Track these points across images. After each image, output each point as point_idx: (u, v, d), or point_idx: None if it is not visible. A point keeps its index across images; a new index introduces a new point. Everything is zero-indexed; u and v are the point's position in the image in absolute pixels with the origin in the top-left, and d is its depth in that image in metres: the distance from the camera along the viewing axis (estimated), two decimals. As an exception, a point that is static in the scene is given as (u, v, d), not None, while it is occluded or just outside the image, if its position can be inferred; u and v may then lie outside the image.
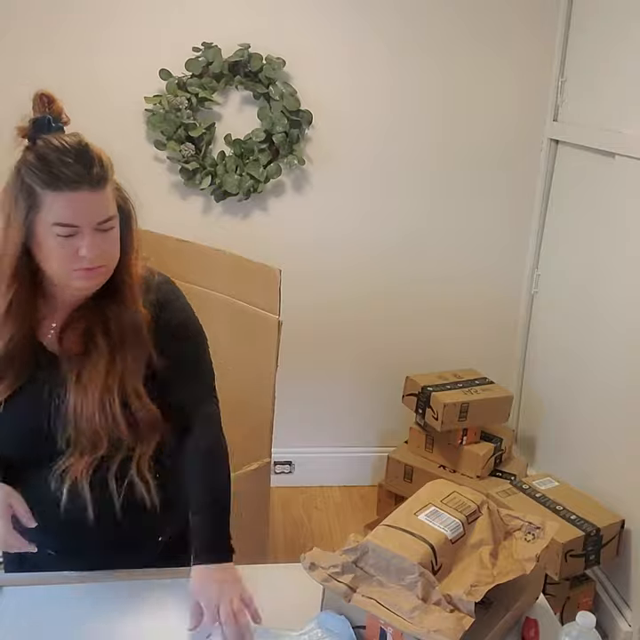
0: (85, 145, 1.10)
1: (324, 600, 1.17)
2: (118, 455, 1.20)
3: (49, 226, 1.07)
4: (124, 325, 1.19)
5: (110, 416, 1.17)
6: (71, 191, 1.06)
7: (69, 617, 1.14)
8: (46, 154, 1.07)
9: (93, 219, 1.09)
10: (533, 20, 2.72)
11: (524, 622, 1.19)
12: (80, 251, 1.09)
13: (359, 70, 2.72)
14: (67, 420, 1.17)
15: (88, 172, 1.07)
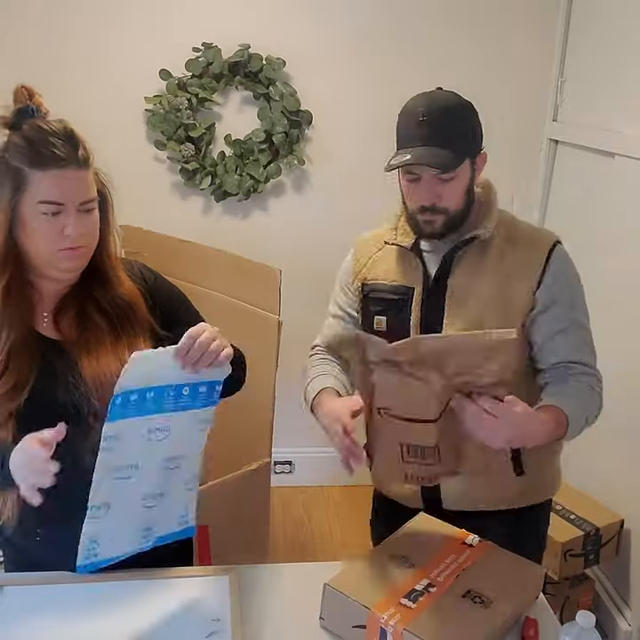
0: (71, 129, 1.15)
1: (324, 600, 1.18)
2: None
3: (35, 204, 1.11)
4: (116, 302, 1.25)
5: None
6: (58, 169, 1.10)
7: (69, 617, 1.14)
8: (34, 135, 1.11)
9: (78, 197, 1.13)
10: (533, 20, 2.72)
11: (523, 622, 1.19)
12: (65, 229, 1.12)
13: (359, 70, 2.72)
14: (89, 397, 1.19)
15: (74, 152, 1.12)
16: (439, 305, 1.39)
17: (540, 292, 1.36)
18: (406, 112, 1.37)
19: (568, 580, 2.22)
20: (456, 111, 1.34)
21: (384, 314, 1.44)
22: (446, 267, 1.40)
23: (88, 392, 1.19)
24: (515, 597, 1.18)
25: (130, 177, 2.82)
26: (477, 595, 1.17)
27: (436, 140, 1.30)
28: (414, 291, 1.41)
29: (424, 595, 1.15)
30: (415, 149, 1.30)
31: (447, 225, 1.36)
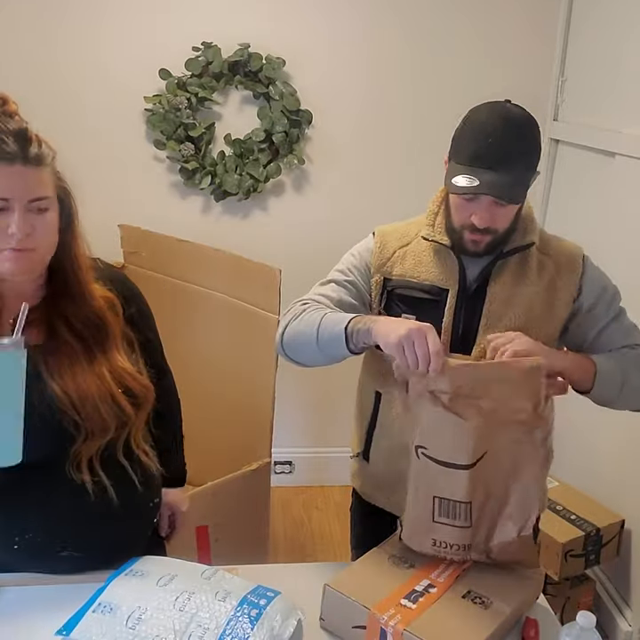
0: (25, 129, 1.12)
1: (324, 600, 1.17)
2: (123, 434, 1.25)
3: None
4: (88, 319, 1.22)
5: (113, 401, 1.21)
6: (4, 164, 1.07)
7: (68, 617, 1.14)
8: None
9: (25, 194, 1.09)
10: (534, 20, 2.72)
11: (524, 622, 1.19)
12: (9, 228, 1.08)
13: (359, 70, 2.72)
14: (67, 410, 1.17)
15: (23, 149, 1.09)
16: (475, 311, 1.37)
17: (582, 297, 1.39)
18: (476, 125, 1.31)
19: (568, 580, 2.22)
20: (528, 134, 1.29)
21: (413, 313, 1.38)
22: (487, 274, 1.38)
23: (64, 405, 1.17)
24: (515, 598, 1.18)
25: (129, 176, 2.83)
26: (477, 595, 1.16)
27: (506, 165, 1.25)
28: (448, 293, 1.37)
29: (424, 595, 1.15)
30: (483, 174, 1.25)
31: (492, 244, 1.35)
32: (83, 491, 1.21)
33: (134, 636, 1.07)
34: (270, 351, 2.14)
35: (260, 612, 1.11)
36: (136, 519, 1.32)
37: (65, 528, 1.23)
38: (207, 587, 1.16)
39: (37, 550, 1.23)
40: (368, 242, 1.50)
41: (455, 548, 1.21)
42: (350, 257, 1.50)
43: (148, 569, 1.21)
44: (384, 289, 1.43)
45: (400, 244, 1.45)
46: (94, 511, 1.23)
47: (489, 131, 1.27)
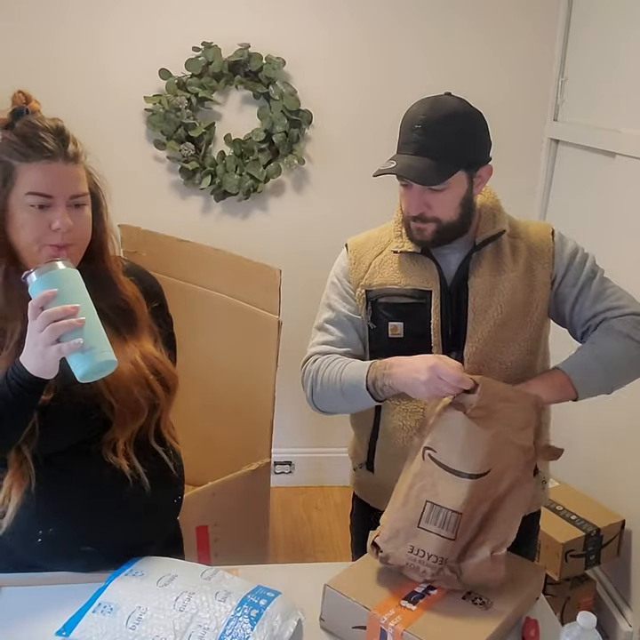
0: (62, 126, 1.16)
1: (325, 600, 1.17)
2: (154, 419, 1.27)
3: (22, 197, 1.12)
4: (118, 307, 1.25)
5: (146, 385, 1.24)
6: (46, 161, 1.11)
7: (68, 617, 1.14)
8: (25, 131, 1.13)
9: (67, 191, 1.13)
10: (534, 20, 2.72)
11: (524, 622, 1.19)
12: (53, 224, 1.12)
13: (359, 70, 2.72)
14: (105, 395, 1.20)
15: (63, 147, 1.13)
16: (461, 308, 1.37)
17: (556, 270, 1.40)
18: (407, 116, 1.35)
19: (569, 580, 2.21)
20: (457, 120, 1.30)
21: (400, 319, 1.39)
22: (465, 269, 1.38)
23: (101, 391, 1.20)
24: (515, 598, 1.17)
25: (129, 176, 2.83)
26: (478, 596, 1.16)
27: (428, 150, 1.28)
28: (431, 294, 1.38)
29: (424, 596, 1.15)
30: (404, 157, 1.29)
31: (440, 234, 1.35)
32: (119, 476, 1.22)
33: (134, 636, 1.07)
34: (270, 351, 2.14)
35: (260, 612, 1.11)
36: (166, 507, 1.34)
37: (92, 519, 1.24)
38: (207, 587, 1.16)
39: (59, 545, 1.24)
40: (342, 260, 1.50)
41: (433, 559, 1.17)
42: (332, 287, 1.50)
43: (148, 569, 1.21)
44: (368, 301, 1.42)
45: (374, 253, 1.46)
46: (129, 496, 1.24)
47: (418, 118, 1.30)
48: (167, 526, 1.39)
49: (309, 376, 1.44)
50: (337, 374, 1.37)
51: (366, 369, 1.33)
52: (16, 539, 1.25)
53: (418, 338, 1.36)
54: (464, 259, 1.38)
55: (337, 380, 1.36)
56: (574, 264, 1.40)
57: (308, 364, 1.45)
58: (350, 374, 1.35)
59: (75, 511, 1.23)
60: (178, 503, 1.38)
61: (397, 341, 1.36)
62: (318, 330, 1.49)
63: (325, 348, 1.44)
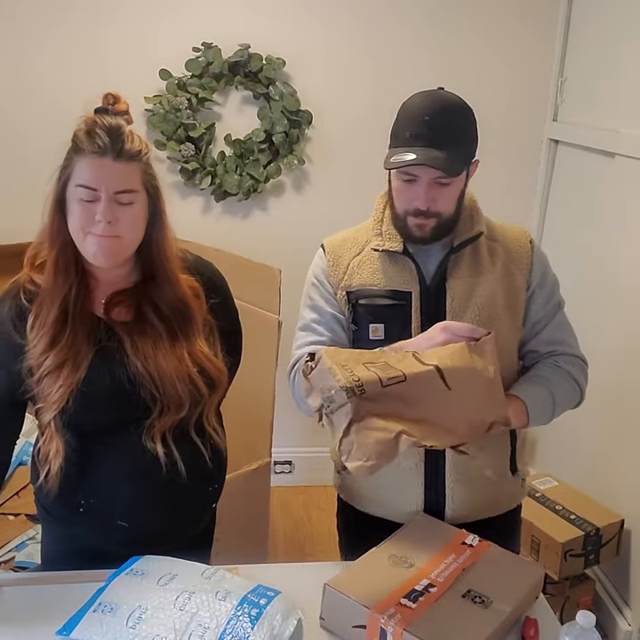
0: (120, 126, 1.21)
1: (324, 600, 1.18)
2: (197, 411, 1.31)
3: (74, 188, 1.18)
4: (174, 305, 1.30)
5: (190, 382, 1.28)
6: (95, 156, 1.17)
7: (69, 617, 1.14)
8: (89, 128, 1.20)
9: (111, 186, 1.18)
10: (533, 20, 2.72)
11: (523, 622, 1.19)
12: (96, 215, 1.18)
13: (359, 70, 2.72)
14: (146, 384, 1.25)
15: (114, 144, 1.18)
16: (439, 308, 1.36)
17: (532, 279, 1.41)
18: (408, 110, 1.34)
19: (568, 579, 2.22)
20: (459, 114, 1.31)
21: (380, 321, 1.37)
22: (443, 270, 1.37)
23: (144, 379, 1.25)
24: (515, 597, 1.18)
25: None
26: (477, 595, 1.17)
27: (440, 142, 1.26)
28: (412, 295, 1.37)
29: (424, 595, 1.15)
30: (419, 150, 1.26)
31: (437, 230, 1.34)
32: (153, 461, 1.26)
33: (135, 635, 1.07)
34: (270, 351, 2.15)
35: (261, 611, 1.11)
36: (200, 496, 1.37)
37: (129, 497, 1.28)
38: (207, 586, 1.16)
39: (99, 518, 1.28)
40: (320, 261, 1.49)
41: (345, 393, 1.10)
42: (314, 288, 1.48)
43: (149, 568, 1.21)
44: (349, 302, 1.41)
45: (352, 254, 1.44)
46: (162, 481, 1.28)
47: (425, 111, 1.29)
48: (201, 515, 1.42)
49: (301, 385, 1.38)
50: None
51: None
52: (61, 506, 1.30)
53: (398, 339, 1.33)
54: (442, 260, 1.38)
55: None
56: (547, 283, 1.42)
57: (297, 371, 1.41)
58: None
59: (113, 487, 1.28)
60: (213, 493, 1.41)
61: (378, 343, 1.34)
62: (303, 330, 1.46)
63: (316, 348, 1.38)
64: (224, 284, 1.47)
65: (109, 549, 1.29)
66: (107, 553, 1.28)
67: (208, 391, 1.31)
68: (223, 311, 1.41)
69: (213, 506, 1.46)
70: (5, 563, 2.03)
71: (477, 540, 1.30)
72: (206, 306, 1.35)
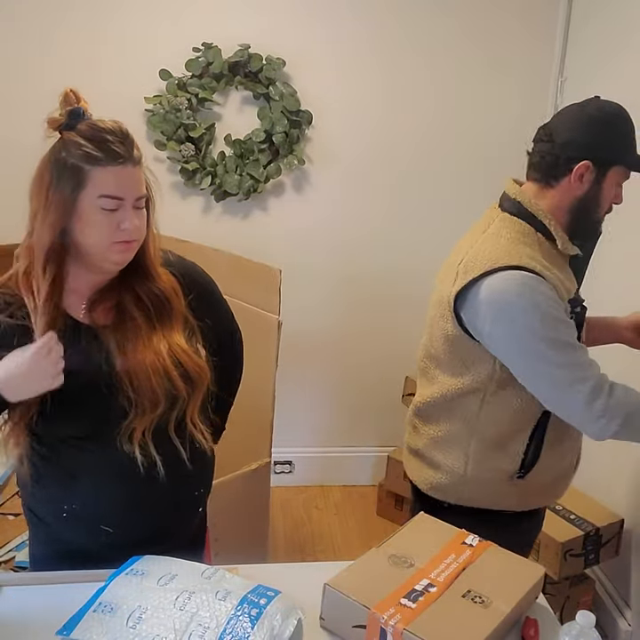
0: (126, 129, 1.21)
1: (324, 600, 1.18)
2: (175, 411, 1.28)
3: (94, 199, 1.16)
4: (153, 294, 1.29)
5: (165, 375, 1.25)
6: (118, 166, 1.16)
7: (69, 617, 1.14)
8: (94, 134, 1.16)
9: (135, 193, 1.19)
10: (534, 20, 2.72)
11: (523, 622, 1.19)
12: (122, 224, 1.18)
13: (359, 70, 2.73)
14: (123, 384, 1.23)
15: (131, 150, 1.19)
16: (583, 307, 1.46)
17: None
18: (631, 123, 1.51)
19: (568, 579, 2.22)
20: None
21: (581, 327, 1.44)
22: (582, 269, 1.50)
23: (121, 381, 1.23)
24: (515, 597, 1.18)
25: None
26: (477, 595, 1.16)
27: None
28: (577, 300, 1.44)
29: (424, 595, 1.15)
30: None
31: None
32: (132, 464, 1.24)
33: (135, 635, 1.07)
34: (270, 351, 2.15)
35: (261, 611, 1.11)
36: (182, 499, 1.35)
37: (110, 501, 1.26)
38: (207, 586, 1.16)
39: (83, 522, 1.27)
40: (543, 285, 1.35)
41: None
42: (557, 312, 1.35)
43: (149, 568, 1.21)
44: (571, 313, 1.41)
45: (546, 270, 1.38)
46: (142, 484, 1.26)
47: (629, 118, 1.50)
48: (187, 519, 1.40)
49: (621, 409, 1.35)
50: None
51: None
52: (47, 509, 1.30)
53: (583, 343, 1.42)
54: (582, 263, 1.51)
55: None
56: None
57: (610, 394, 1.35)
58: None
59: (95, 492, 1.26)
60: (199, 497, 1.39)
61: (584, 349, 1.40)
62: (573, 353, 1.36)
63: (597, 364, 1.38)
64: (210, 284, 1.46)
65: (97, 552, 1.28)
66: (95, 556, 1.27)
67: (186, 388, 1.28)
68: (209, 310, 1.40)
69: (200, 510, 1.43)
70: (5, 563, 2.04)
71: (477, 540, 1.30)
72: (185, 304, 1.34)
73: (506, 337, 1.34)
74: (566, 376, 1.33)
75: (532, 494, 1.51)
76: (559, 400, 1.36)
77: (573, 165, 1.39)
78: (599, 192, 1.42)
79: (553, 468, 1.50)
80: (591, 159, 1.39)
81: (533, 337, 1.31)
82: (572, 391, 1.32)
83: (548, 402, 1.39)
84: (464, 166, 2.81)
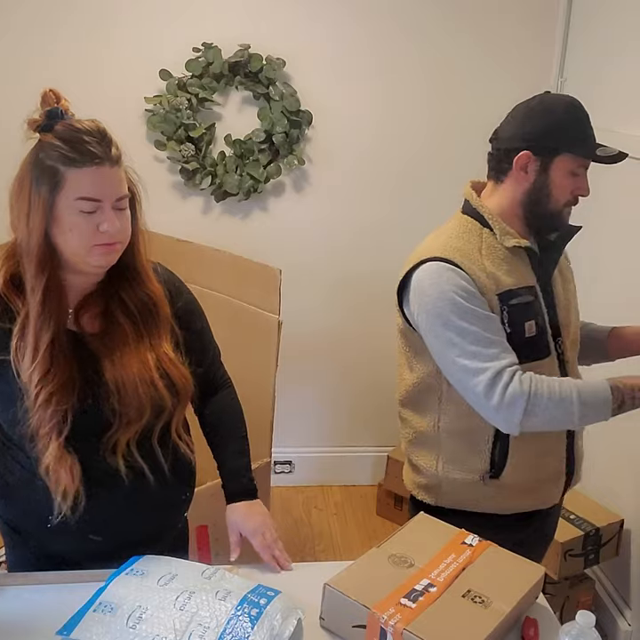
0: (104, 128, 1.17)
1: (324, 600, 1.18)
2: (160, 421, 1.27)
3: (72, 201, 1.13)
4: (141, 300, 1.26)
5: (151, 384, 1.23)
6: (94, 166, 1.12)
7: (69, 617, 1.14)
8: (70, 135, 1.13)
9: (113, 194, 1.16)
10: (533, 20, 2.72)
11: (523, 622, 1.19)
12: (101, 226, 1.14)
13: (359, 71, 2.73)
14: (109, 393, 1.21)
15: (108, 150, 1.15)
16: (552, 299, 1.46)
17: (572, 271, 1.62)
18: (579, 109, 1.45)
19: (568, 579, 2.22)
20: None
21: (531, 317, 1.41)
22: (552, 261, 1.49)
23: (108, 391, 1.21)
24: (515, 597, 1.18)
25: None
26: (477, 594, 1.17)
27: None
28: (536, 289, 1.44)
29: (424, 594, 1.15)
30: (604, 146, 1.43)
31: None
32: (117, 474, 1.23)
33: (135, 635, 1.08)
34: (270, 351, 2.15)
35: (261, 611, 1.11)
36: (164, 508, 1.34)
37: (96, 511, 1.25)
38: (207, 586, 1.16)
39: (69, 532, 1.25)
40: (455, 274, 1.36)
41: None
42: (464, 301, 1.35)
43: (149, 568, 1.21)
44: (502, 305, 1.39)
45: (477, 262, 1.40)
46: (127, 493, 1.25)
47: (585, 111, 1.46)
48: (168, 527, 1.40)
49: (522, 397, 1.31)
50: (570, 397, 1.32)
51: (609, 392, 1.34)
52: (31, 521, 1.28)
53: (544, 333, 1.42)
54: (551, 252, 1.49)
55: (572, 403, 1.32)
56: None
57: (509, 383, 1.31)
58: (590, 398, 1.34)
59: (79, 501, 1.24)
60: (181, 503, 1.39)
61: (532, 339, 1.40)
62: (477, 344, 1.34)
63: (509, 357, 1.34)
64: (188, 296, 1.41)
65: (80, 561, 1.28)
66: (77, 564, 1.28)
67: (171, 399, 1.26)
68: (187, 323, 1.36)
69: (184, 514, 1.44)
70: (5, 562, 2.03)
71: (477, 540, 1.30)
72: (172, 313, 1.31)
73: (425, 325, 1.37)
74: (469, 366, 1.33)
75: (512, 496, 1.47)
76: (465, 390, 1.36)
77: (513, 157, 1.41)
78: (547, 182, 1.41)
79: (532, 469, 1.46)
80: (530, 149, 1.39)
81: (443, 325, 1.34)
82: (473, 381, 1.33)
83: (461, 392, 1.38)
84: (464, 167, 2.80)
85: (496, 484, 1.46)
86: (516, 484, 1.46)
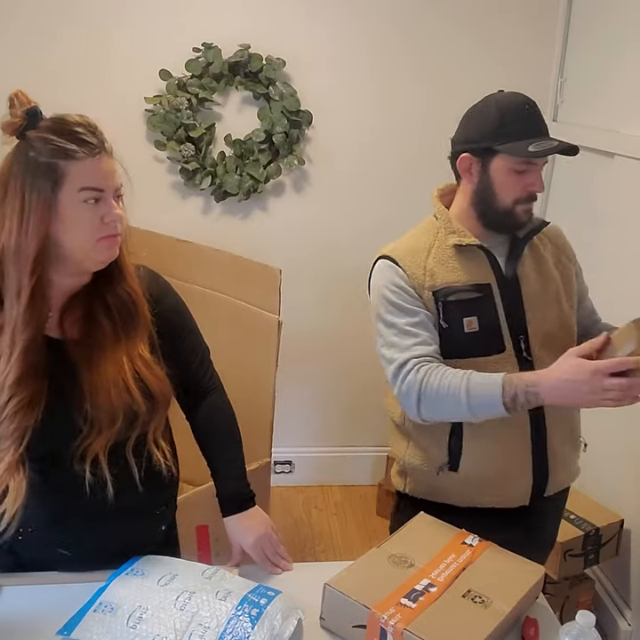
0: (94, 122, 1.17)
1: (325, 600, 1.18)
2: (135, 429, 1.22)
3: (75, 194, 1.11)
4: (124, 303, 1.23)
5: (124, 389, 1.19)
6: (94, 157, 1.12)
7: (69, 617, 1.14)
8: (62, 128, 1.12)
9: (114, 183, 1.16)
10: (533, 20, 2.72)
11: (523, 622, 1.19)
12: (106, 217, 1.14)
13: (359, 71, 2.73)
14: (82, 399, 1.17)
15: (101, 141, 1.15)
16: (517, 295, 1.46)
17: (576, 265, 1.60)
18: (512, 106, 1.46)
19: (568, 579, 2.22)
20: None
21: (473, 314, 1.43)
22: (514, 259, 1.47)
23: (81, 397, 1.17)
24: (515, 597, 1.18)
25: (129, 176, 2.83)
26: (477, 594, 1.17)
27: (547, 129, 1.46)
28: (491, 286, 1.44)
29: (424, 594, 1.15)
30: (548, 138, 1.43)
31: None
32: (81, 485, 1.18)
33: (135, 635, 1.08)
34: (270, 351, 2.15)
35: (261, 611, 1.11)
36: (136, 522, 1.28)
37: (63, 524, 1.23)
38: (208, 586, 1.16)
39: (39, 545, 1.24)
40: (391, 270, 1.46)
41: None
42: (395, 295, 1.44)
43: (149, 568, 1.21)
44: (437, 302, 1.43)
45: (422, 257, 1.46)
46: (91, 508, 1.21)
47: (525, 104, 1.47)
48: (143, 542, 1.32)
49: (414, 387, 1.37)
50: (458, 388, 1.33)
51: (499, 386, 1.31)
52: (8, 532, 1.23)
53: (491, 330, 1.43)
54: (512, 250, 1.48)
55: (459, 394, 1.33)
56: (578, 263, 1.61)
57: (409, 372, 1.38)
58: (478, 390, 1.33)
59: (46, 515, 1.22)
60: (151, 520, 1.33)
61: (474, 335, 1.42)
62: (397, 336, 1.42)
63: (420, 349, 1.39)
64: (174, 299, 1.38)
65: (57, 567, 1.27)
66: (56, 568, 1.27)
67: (146, 403, 1.20)
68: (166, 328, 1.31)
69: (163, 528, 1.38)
70: None
71: (477, 540, 1.31)
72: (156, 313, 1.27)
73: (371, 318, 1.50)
74: (387, 355, 1.44)
75: (473, 490, 1.48)
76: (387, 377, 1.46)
77: (456, 160, 1.46)
78: (489, 182, 1.42)
79: (489, 465, 1.45)
80: (469, 151, 1.43)
81: (376, 317, 1.47)
82: (387, 370, 1.44)
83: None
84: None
85: (456, 477, 1.48)
86: (476, 477, 1.47)
